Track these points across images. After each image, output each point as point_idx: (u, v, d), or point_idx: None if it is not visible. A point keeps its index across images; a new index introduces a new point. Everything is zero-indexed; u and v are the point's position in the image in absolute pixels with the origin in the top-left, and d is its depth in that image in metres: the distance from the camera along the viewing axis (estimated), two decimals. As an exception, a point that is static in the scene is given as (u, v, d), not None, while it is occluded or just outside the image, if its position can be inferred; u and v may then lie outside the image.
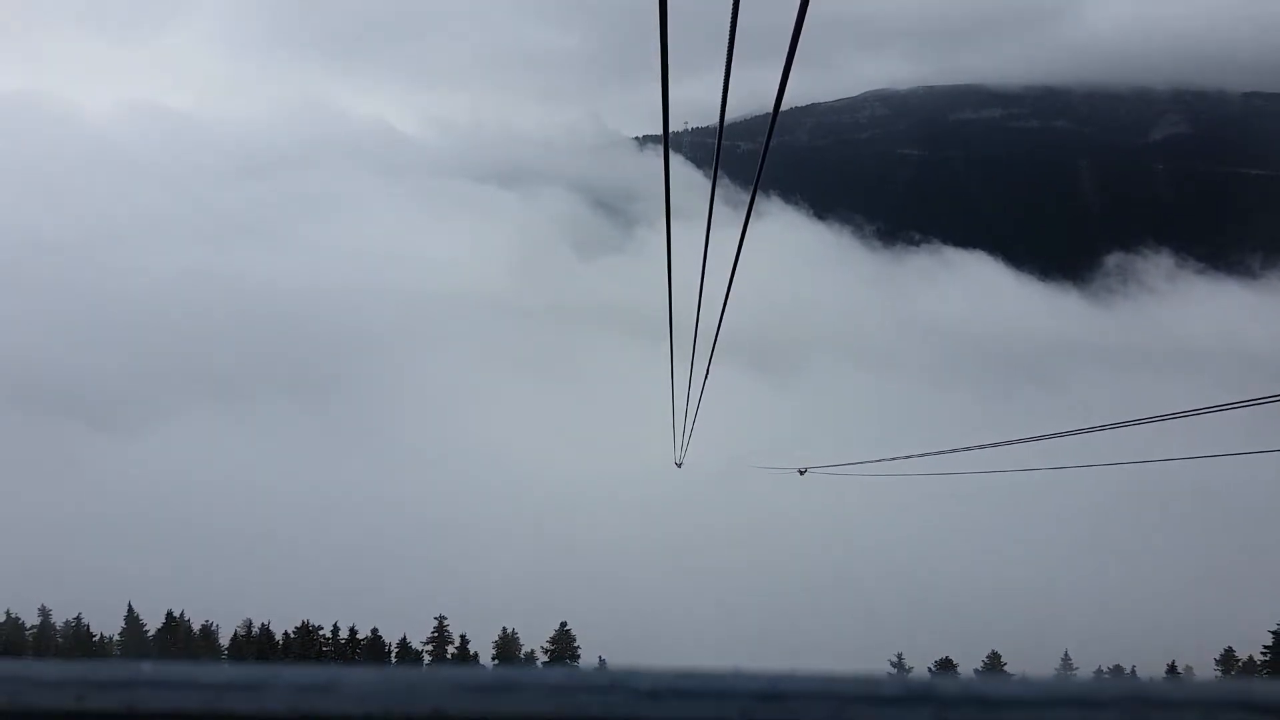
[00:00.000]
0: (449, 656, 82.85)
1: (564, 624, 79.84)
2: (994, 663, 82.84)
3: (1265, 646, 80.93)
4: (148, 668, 1.42)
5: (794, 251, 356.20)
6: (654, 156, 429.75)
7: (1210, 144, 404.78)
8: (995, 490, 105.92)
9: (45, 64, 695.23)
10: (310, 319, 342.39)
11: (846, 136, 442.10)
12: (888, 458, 37.55)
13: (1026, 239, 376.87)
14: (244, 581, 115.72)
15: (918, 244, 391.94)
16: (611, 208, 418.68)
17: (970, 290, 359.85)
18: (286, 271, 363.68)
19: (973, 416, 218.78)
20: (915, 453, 33.20)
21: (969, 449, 27.96)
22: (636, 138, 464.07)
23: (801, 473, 60.06)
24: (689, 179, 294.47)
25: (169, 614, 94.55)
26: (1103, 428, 18.81)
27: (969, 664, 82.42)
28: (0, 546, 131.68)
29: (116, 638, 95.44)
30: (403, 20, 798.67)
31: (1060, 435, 21.18)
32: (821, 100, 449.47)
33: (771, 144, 9.53)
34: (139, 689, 1.39)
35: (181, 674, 1.40)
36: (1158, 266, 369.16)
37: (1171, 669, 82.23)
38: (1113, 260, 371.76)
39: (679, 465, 49.55)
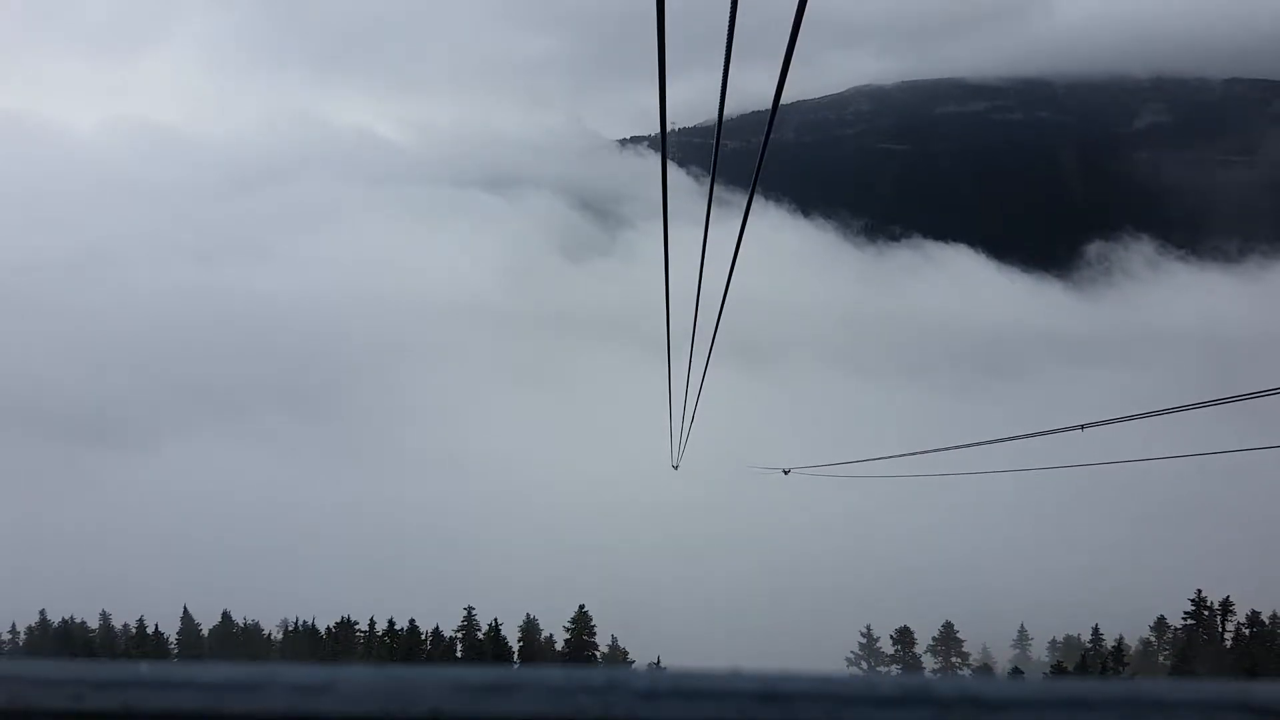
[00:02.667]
0: (478, 640, 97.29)
1: (582, 606, 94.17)
2: (948, 631, 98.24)
3: (1185, 613, 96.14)
4: (145, 668, 1.47)
5: (778, 249, 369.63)
6: (636, 158, 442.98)
7: (1192, 131, 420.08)
8: (958, 482, 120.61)
9: (31, 84, 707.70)
10: (303, 331, 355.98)
11: (832, 133, 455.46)
12: (864, 459, 43.00)
13: (1010, 230, 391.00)
14: (281, 583, 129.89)
15: (901, 239, 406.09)
16: (597, 210, 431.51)
17: (953, 284, 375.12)
18: (278, 285, 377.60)
19: (951, 412, 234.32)
20: (891, 454, 38.05)
21: (935, 451, 32.72)
22: (619, 140, 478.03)
23: (786, 472, 70.26)
24: (680, 181, 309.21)
25: (224, 614, 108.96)
26: (1054, 431, 21.21)
27: (925, 633, 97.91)
28: (47, 560, 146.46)
29: (175, 637, 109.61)
30: (380, 28, 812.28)
31: (1011, 439, 23.93)
32: (807, 97, 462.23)
33: (759, 142, 10.11)
34: (137, 689, 1.44)
35: (179, 674, 1.45)
36: (1139, 254, 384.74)
37: (1095, 633, 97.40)
38: (1094, 249, 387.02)
39: (675, 467, 52.68)
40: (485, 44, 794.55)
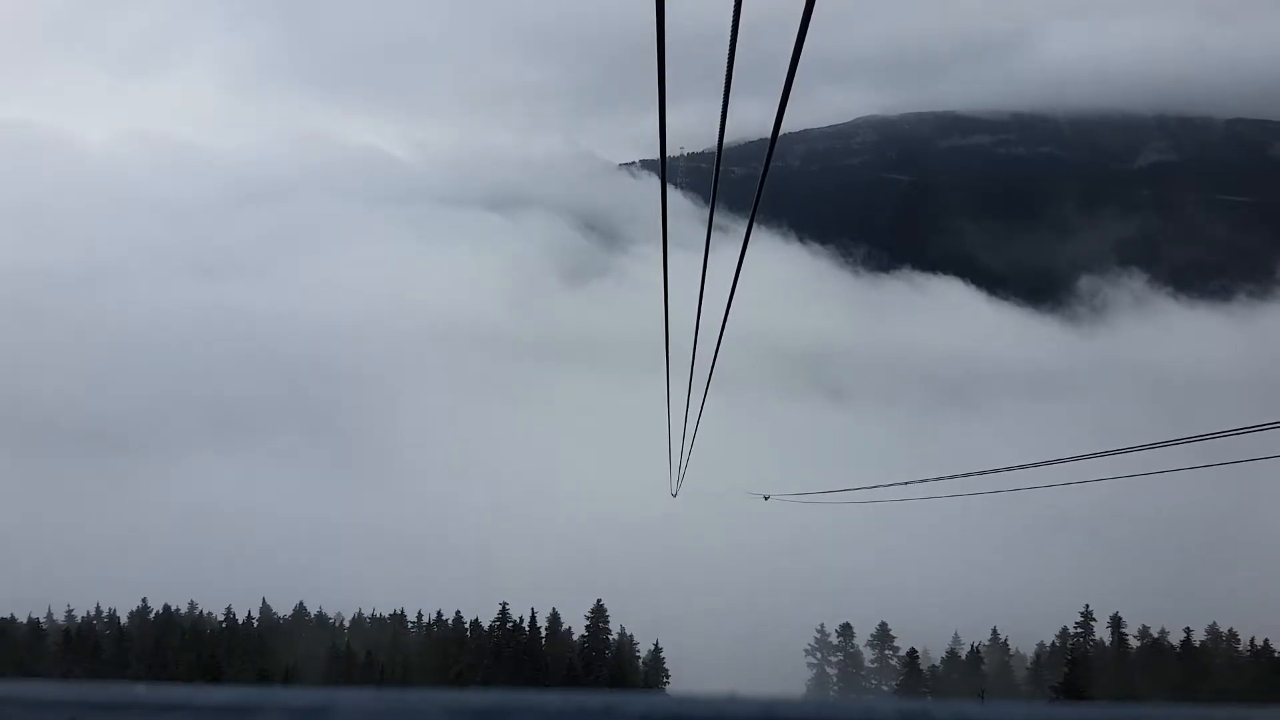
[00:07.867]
0: (509, 628, 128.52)
1: (600, 601, 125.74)
2: (884, 629, 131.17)
3: (1076, 622, 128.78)
4: (141, 689, 1.59)
5: (775, 276, 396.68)
6: (639, 183, 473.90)
7: (1193, 169, 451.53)
8: (911, 507, 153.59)
9: (44, 95, 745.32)
10: (305, 347, 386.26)
11: (836, 162, 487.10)
12: (832, 490, 56.26)
13: (1006, 263, 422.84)
14: (327, 579, 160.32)
15: (899, 269, 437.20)
16: (598, 231, 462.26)
17: (942, 315, 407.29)
18: (284, 302, 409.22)
19: (927, 440, 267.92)
20: (856, 485, 46.91)
21: (884, 486, 42.17)
22: (625, 164, 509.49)
23: (766, 498, 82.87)
24: (680, 205, 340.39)
25: (299, 604, 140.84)
26: (1013, 468, 26.68)
27: (864, 630, 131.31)
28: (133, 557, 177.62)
29: (255, 623, 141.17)
30: (388, 51, 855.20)
31: (971, 475, 29.22)
32: (814, 126, 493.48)
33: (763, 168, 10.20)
34: (132, 711, 1.58)
35: (176, 696, 1.57)
36: (1129, 290, 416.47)
37: (994, 634, 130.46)
38: (1086, 283, 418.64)
39: (674, 495, 60.31)
40: (488, 68, 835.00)
